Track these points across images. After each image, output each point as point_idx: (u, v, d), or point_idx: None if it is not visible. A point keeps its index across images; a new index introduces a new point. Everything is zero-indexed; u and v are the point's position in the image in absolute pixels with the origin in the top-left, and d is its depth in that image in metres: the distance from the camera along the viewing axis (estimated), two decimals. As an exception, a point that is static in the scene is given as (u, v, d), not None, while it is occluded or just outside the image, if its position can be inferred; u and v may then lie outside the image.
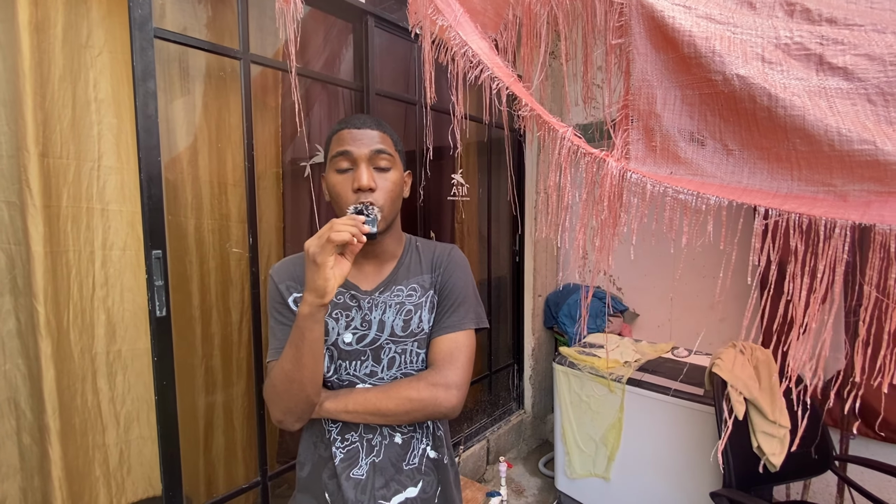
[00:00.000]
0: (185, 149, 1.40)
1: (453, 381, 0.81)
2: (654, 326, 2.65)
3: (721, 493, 1.45)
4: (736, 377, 1.57)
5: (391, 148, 0.85)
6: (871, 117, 0.52)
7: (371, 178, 0.80)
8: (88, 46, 1.17)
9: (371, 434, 0.86)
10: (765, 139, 0.58)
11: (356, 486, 0.84)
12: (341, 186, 0.81)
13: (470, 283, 0.91)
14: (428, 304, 0.88)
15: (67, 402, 1.19)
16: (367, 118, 0.85)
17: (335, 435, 0.86)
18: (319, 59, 1.74)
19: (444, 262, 0.91)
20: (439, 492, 0.90)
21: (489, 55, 0.87)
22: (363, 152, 0.80)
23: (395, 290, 0.88)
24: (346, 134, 0.82)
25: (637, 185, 0.64)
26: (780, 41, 0.62)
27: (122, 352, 1.29)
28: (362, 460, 0.85)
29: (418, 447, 0.89)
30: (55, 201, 1.16)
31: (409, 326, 0.86)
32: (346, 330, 0.85)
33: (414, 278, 0.89)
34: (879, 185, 0.49)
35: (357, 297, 0.86)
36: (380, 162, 0.82)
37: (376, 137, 0.83)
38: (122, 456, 1.30)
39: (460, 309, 0.87)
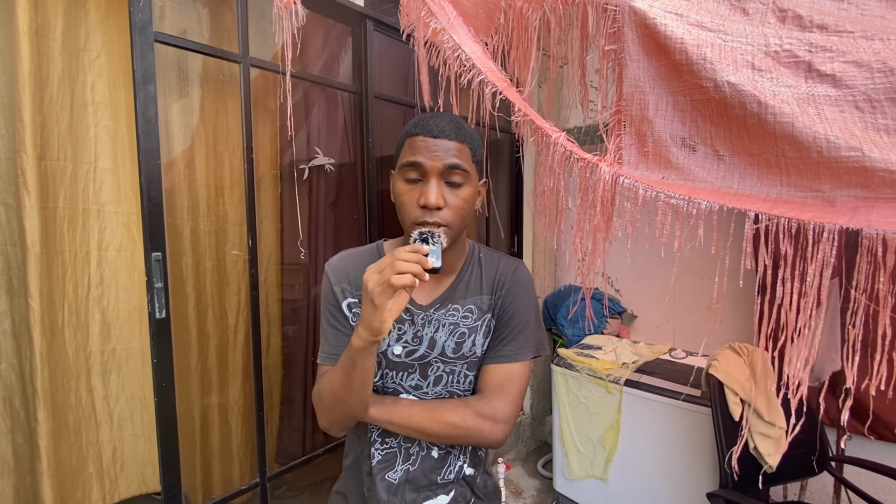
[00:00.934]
0: (184, 152, 1.41)
1: (502, 414, 0.78)
2: (651, 328, 2.66)
3: (718, 494, 1.45)
4: (732, 378, 1.58)
5: (467, 161, 0.76)
6: (859, 124, 0.53)
7: (440, 196, 0.73)
8: (86, 49, 1.18)
9: (409, 443, 0.85)
10: (755, 145, 0.59)
11: (388, 488, 0.84)
12: (407, 197, 0.75)
13: (533, 308, 0.86)
14: (484, 328, 0.84)
15: (61, 400, 1.21)
16: (446, 124, 0.75)
17: (375, 436, 0.86)
18: (319, 62, 1.75)
19: (507, 283, 0.85)
20: (473, 502, 0.89)
21: (482, 59, 0.88)
22: (436, 166, 0.73)
23: (451, 309, 0.83)
24: (419, 142, 0.74)
25: (630, 189, 0.65)
26: (770, 49, 0.63)
27: (116, 350, 1.31)
28: (398, 465, 0.85)
29: (455, 463, 0.87)
30: (52, 203, 1.18)
31: (461, 349, 0.83)
32: (397, 342, 0.83)
33: (472, 298, 0.84)
34: (866, 191, 0.50)
35: (412, 311, 0.83)
36: (452, 177, 0.75)
37: (453, 150, 0.74)
38: (115, 453, 1.32)
39: (519, 337, 0.82)
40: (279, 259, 1.67)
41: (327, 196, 1.79)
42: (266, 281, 1.60)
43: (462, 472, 0.88)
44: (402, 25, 1.03)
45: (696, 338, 2.47)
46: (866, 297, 0.47)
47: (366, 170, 1.83)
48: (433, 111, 1.03)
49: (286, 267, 1.71)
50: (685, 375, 1.94)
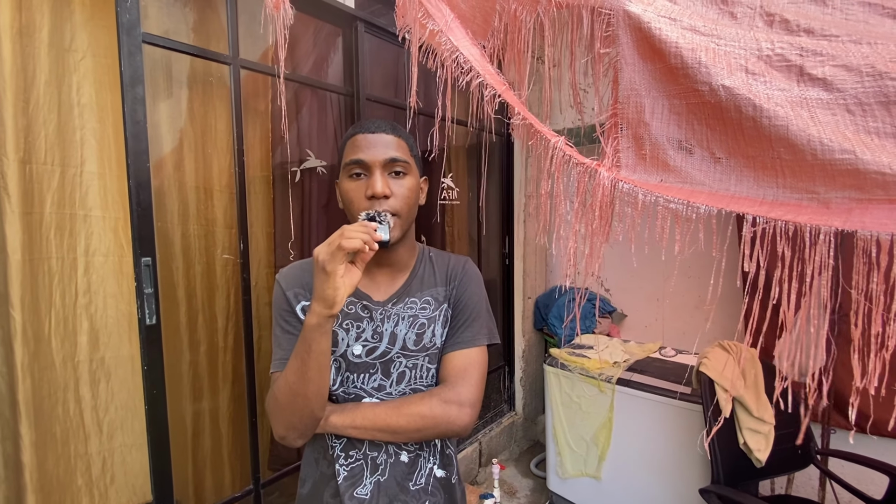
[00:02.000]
0: (173, 154, 1.39)
1: (466, 398, 0.78)
2: (641, 327, 2.69)
3: (710, 490, 1.48)
4: (723, 376, 1.60)
5: (406, 154, 0.82)
6: (851, 127, 0.54)
7: (385, 185, 0.77)
8: (72, 50, 1.16)
9: (376, 452, 0.83)
10: (750, 148, 0.60)
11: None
12: (354, 193, 0.79)
13: (483, 298, 0.89)
14: (441, 318, 0.86)
15: (48, 412, 1.17)
16: (381, 122, 0.82)
17: (339, 451, 0.83)
18: (310, 64, 1.74)
19: (459, 275, 0.89)
20: None
21: (481, 62, 0.88)
22: (378, 158, 0.78)
23: (408, 302, 0.85)
24: (360, 139, 0.79)
25: (629, 195, 0.66)
26: (762, 53, 0.64)
27: (105, 359, 1.27)
28: (366, 479, 0.82)
29: (425, 466, 0.86)
30: (38, 208, 1.14)
31: (421, 340, 0.84)
32: (357, 342, 0.83)
33: (428, 290, 0.87)
34: (860, 193, 0.51)
35: (369, 307, 0.84)
36: (395, 168, 0.79)
37: (391, 143, 0.80)
38: (105, 464, 1.28)
39: (474, 324, 0.85)
40: (271, 263, 1.65)
41: (319, 199, 1.77)
42: (257, 285, 1.58)
43: (433, 475, 0.86)
44: (398, 26, 1.03)
45: (684, 336, 2.51)
46: (863, 296, 0.49)
47: (357, 172, 1.82)
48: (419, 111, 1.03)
49: (279, 265, 1.70)
50: (676, 373, 1.97)
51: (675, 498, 1.87)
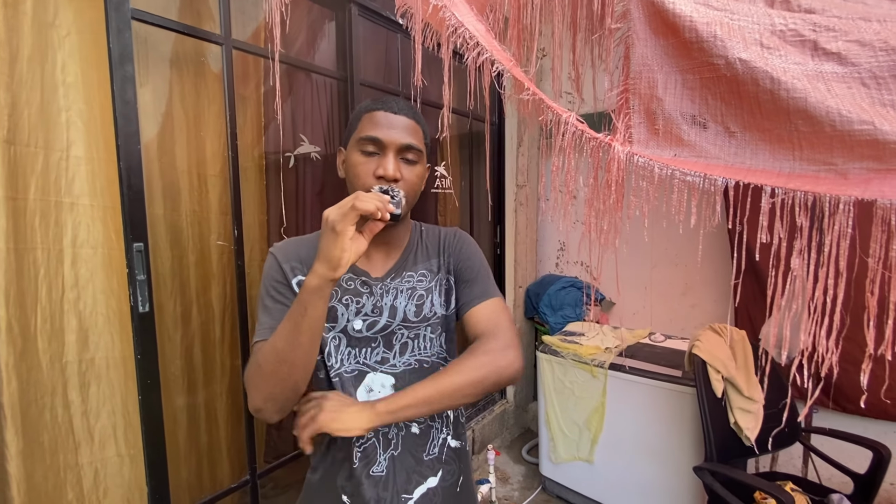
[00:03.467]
0: (164, 138, 1.34)
1: (505, 342, 0.78)
2: (629, 314, 2.73)
3: (703, 467, 1.52)
4: (714, 357, 1.64)
5: (421, 141, 0.82)
6: (867, 99, 0.55)
7: (398, 170, 0.77)
8: (55, 26, 1.08)
9: (386, 427, 0.82)
10: (766, 121, 0.61)
11: (377, 483, 0.80)
12: (363, 168, 0.78)
13: (483, 260, 0.91)
14: (438, 288, 0.87)
15: (34, 418, 1.09)
16: (404, 104, 0.81)
17: None
18: (302, 48, 1.70)
19: (452, 243, 0.91)
20: (462, 480, 0.88)
21: (486, 37, 0.86)
22: (395, 141, 0.77)
23: (405, 276, 0.86)
24: (380, 116, 0.78)
25: (645, 168, 0.66)
26: (776, 28, 0.65)
27: (95, 360, 1.19)
28: (380, 456, 0.81)
29: (438, 437, 0.86)
30: (22, 194, 1.06)
31: (421, 311, 0.85)
32: (357, 316, 0.82)
33: (422, 263, 0.88)
34: (878, 163, 0.52)
35: (368, 283, 0.84)
36: (408, 154, 0.79)
37: (410, 128, 0.80)
38: (97, 476, 1.20)
39: (483, 280, 0.87)
40: (264, 250, 1.62)
41: (313, 185, 1.74)
42: (250, 273, 1.54)
43: (446, 445, 0.87)
44: (398, 5, 1.00)
45: (671, 322, 2.56)
46: (881, 265, 0.50)
47: (351, 158, 1.80)
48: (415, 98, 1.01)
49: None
50: (666, 358, 2.01)
51: (666, 477, 1.91)
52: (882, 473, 1.53)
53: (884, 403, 1.92)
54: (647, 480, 1.98)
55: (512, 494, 2.38)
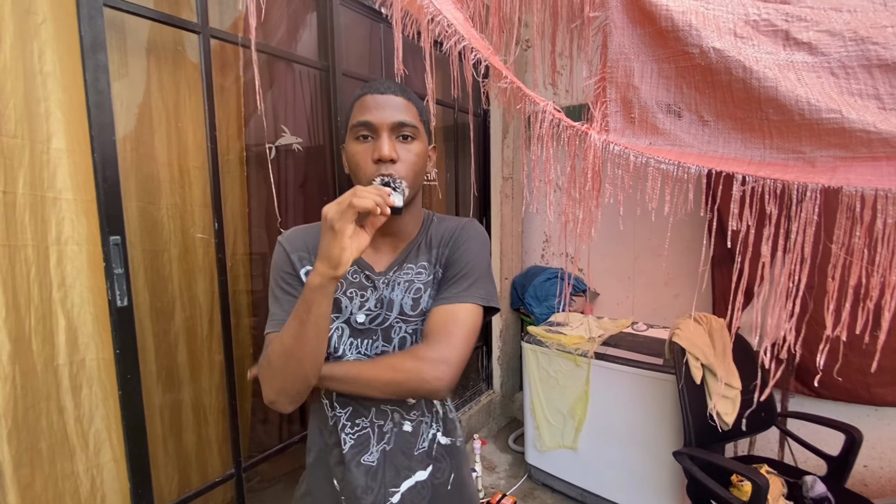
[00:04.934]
0: (142, 129, 1.30)
1: (443, 355, 0.73)
2: (613, 304, 2.77)
3: (683, 452, 1.55)
4: (694, 345, 1.67)
5: (416, 118, 0.79)
6: (835, 89, 0.56)
7: (393, 149, 0.75)
8: (31, 12, 1.04)
9: (382, 420, 0.83)
10: (739, 110, 0.62)
11: (367, 472, 0.81)
12: (361, 156, 0.76)
13: (482, 257, 0.85)
14: (434, 282, 0.84)
15: (32, 424, 1.05)
16: (391, 83, 0.79)
17: (344, 421, 0.82)
18: (283, 37, 1.67)
19: (455, 235, 0.86)
20: (453, 477, 0.88)
21: (464, 25, 0.86)
22: (386, 121, 0.75)
23: (405, 269, 0.84)
24: (368, 100, 0.76)
25: (620, 156, 0.66)
26: (750, 17, 0.66)
27: (85, 362, 1.15)
28: (373, 447, 0.82)
29: (427, 432, 0.86)
30: (11, 187, 1.02)
31: (418, 305, 0.82)
32: (360, 310, 0.82)
33: (423, 255, 0.85)
34: (845, 151, 0.54)
35: (371, 277, 0.83)
36: (403, 131, 0.77)
37: (401, 105, 0.77)
38: (94, 484, 1.16)
39: (463, 280, 0.81)
40: (246, 243, 1.60)
41: (296, 177, 1.72)
42: (233, 266, 1.53)
43: (436, 442, 0.86)
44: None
45: (654, 312, 2.61)
46: (844, 251, 0.51)
47: (335, 149, 1.78)
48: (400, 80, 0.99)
49: (254, 251, 1.65)
50: (648, 346, 2.04)
51: (648, 463, 1.95)
52: (854, 455, 1.59)
53: (856, 387, 1.98)
54: (629, 466, 2.02)
55: (498, 483, 2.41)
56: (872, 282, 0.50)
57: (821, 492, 1.51)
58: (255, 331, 1.68)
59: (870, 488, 2.11)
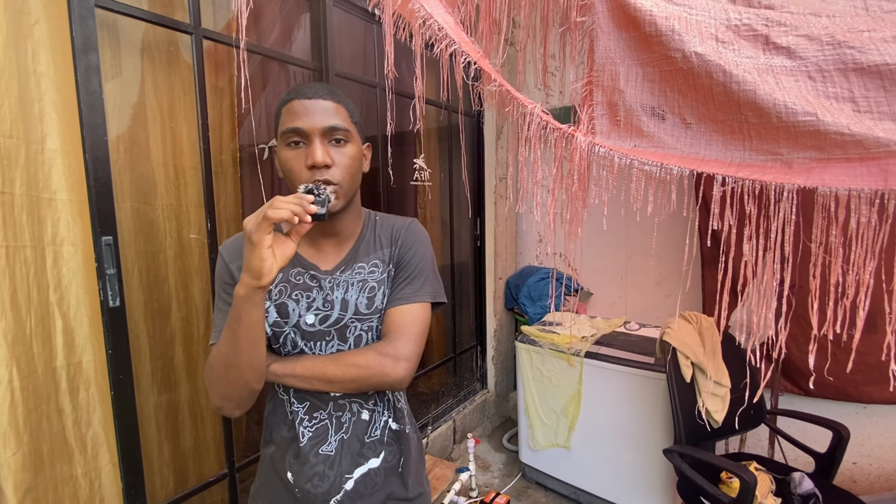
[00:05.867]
0: (136, 129, 1.30)
1: (402, 352, 0.79)
2: (606, 304, 2.79)
3: (673, 449, 1.57)
4: (684, 343, 1.69)
5: (347, 120, 0.79)
6: (812, 92, 0.58)
7: (326, 154, 0.74)
8: (24, 13, 1.04)
9: (341, 412, 0.85)
10: (720, 112, 0.63)
11: (325, 461, 0.83)
12: (294, 162, 0.76)
13: (428, 257, 0.89)
14: (388, 280, 0.87)
15: (34, 427, 1.05)
16: (318, 87, 0.79)
17: (302, 415, 0.84)
18: (276, 38, 1.68)
19: (403, 234, 0.89)
20: (402, 461, 0.90)
21: (455, 29, 0.87)
22: (316, 126, 0.75)
23: (356, 269, 0.85)
24: (296, 105, 0.76)
25: (605, 158, 0.68)
26: (731, 22, 0.67)
27: (82, 364, 1.16)
28: (331, 437, 0.84)
29: (380, 419, 0.88)
30: (8, 187, 1.02)
31: (373, 303, 0.84)
32: (308, 311, 0.82)
33: (374, 254, 0.87)
34: (820, 153, 0.55)
35: (317, 277, 0.84)
36: (335, 135, 0.77)
37: (330, 109, 0.77)
38: (92, 487, 1.16)
39: (415, 281, 0.85)
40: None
41: (289, 177, 1.72)
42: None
43: (388, 427, 0.89)
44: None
45: (646, 311, 2.63)
46: (822, 249, 0.53)
47: (328, 150, 1.78)
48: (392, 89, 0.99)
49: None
50: (640, 345, 2.06)
51: (640, 460, 1.97)
52: (841, 452, 1.61)
53: (845, 385, 2.01)
54: (621, 464, 2.03)
55: (492, 482, 2.42)
56: (849, 279, 0.52)
57: (808, 488, 1.53)
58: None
59: (859, 485, 2.14)
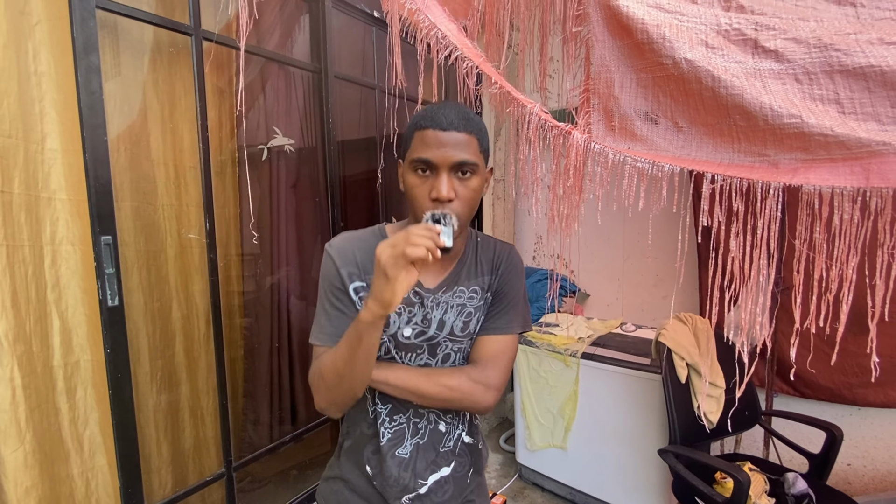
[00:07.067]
0: (137, 129, 1.32)
1: (493, 382, 0.83)
2: (603, 305, 2.81)
3: (668, 450, 1.58)
4: (679, 344, 1.71)
5: (475, 153, 0.78)
6: (798, 94, 0.59)
7: (451, 189, 0.76)
8: (26, 13, 1.05)
9: (418, 419, 0.89)
10: (710, 116, 0.65)
11: (400, 463, 0.87)
12: (419, 190, 0.78)
13: (523, 288, 0.93)
14: (485, 307, 0.90)
15: (36, 426, 1.06)
16: (454, 117, 0.76)
17: (384, 416, 0.88)
18: (275, 41, 1.69)
19: (504, 264, 0.91)
20: (472, 472, 0.95)
21: (458, 37, 0.89)
22: (447, 161, 0.75)
23: (457, 291, 0.88)
24: (430, 136, 0.76)
25: (600, 154, 0.69)
26: (721, 28, 0.69)
27: (80, 363, 1.16)
28: (407, 441, 0.88)
29: (454, 433, 0.92)
30: (7, 187, 1.03)
31: (467, 328, 0.88)
32: (407, 325, 0.86)
33: (475, 280, 0.89)
34: (805, 154, 0.57)
35: (420, 294, 0.86)
36: (462, 169, 0.77)
37: (463, 143, 0.76)
38: (88, 487, 1.16)
39: (510, 312, 0.88)
40: (239, 242, 1.62)
41: (288, 178, 1.74)
42: (225, 267, 1.54)
43: (461, 440, 0.93)
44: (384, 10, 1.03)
45: (643, 312, 2.64)
46: (806, 246, 0.54)
47: (327, 151, 1.80)
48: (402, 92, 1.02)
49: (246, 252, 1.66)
50: (636, 346, 2.08)
51: (636, 461, 1.98)
52: (835, 453, 1.63)
53: (839, 387, 2.03)
54: (617, 464, 2.04)
55: (489, 482, 2.42)
56: (832, 275, 0.53)
57: (802, 488, 1.55)
58: (247, 331, 1.69)
59: (853, 486, 2.15)
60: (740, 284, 0.60)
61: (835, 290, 0.54)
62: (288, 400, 1.82)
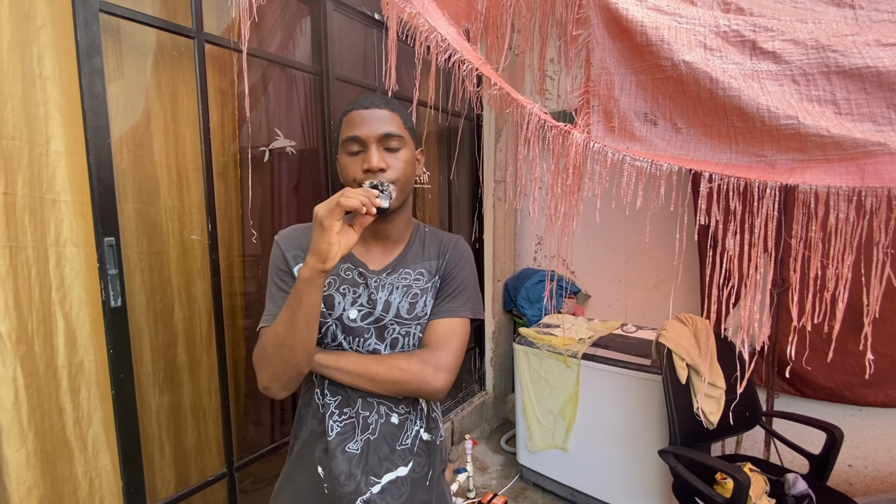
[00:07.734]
0: (140, 131, 1.33)
1: (444, 363, 0.83)
2: (604, 306, 2.81)
3: (668, 450, 1.58)
4: (679, 345, 1.71)
5: (401, 127, 0.84)
6: (795, 95, 0.60)
7: (381, 159, 0.80)
8: (31, 17, 1.06)
9: (368, 412, 0.87)
10: (708, 117, 0.66)
11: (350, 459, 0.85)
12: (352, 168, 0.82)
13: (472, 275, 0.94)
14: (432, 290, 0.90)
15: (38, 426, 1.07)
16: (375, 97, 0.85)
17: (333, 409, 0.86)
18: (277, 43, 1.70)
19: (451, 250, 0.93)
20: (431, 473, 0.92)
21: (458, 39, 0.90)
22: (372, 134, 0.81)
23: (402, 273, 0.89)
24: (355, 115, 0.82)
25: (599, 153, 0.70)
26: (720, 29, 0.70)
27: (84, 364, 1.17)
28: (357, 436, 0.86)
29: (412, 428, 0.90)
30: (11, 188, 1.03)
31: (414, 310, 0.88)
32: (352, 306, 0.86)
33: (422, 263, 0.91)
34: (801, 154, 0.58)
35: (365, 275, 0.87)
36: (390, 143, 0.82)
37: (386, 118, 0.83)
38: (92, 486, 1.17)
39: (460, 296, 0.90)
40: (239, 244, 1.62)
41: (289, 180, 1.75)
42: (226, 268, 1.54)
43: (419, 437, 0.91)
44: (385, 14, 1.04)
45: (644, 313, 2.65)
46: (802, 245, 0.55)
47: (328, 153, 1.81)
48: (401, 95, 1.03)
49: (248, 253, 1.67)
50: (636, 347, 2.08)
51: (636, 462, 1.98)
52: (835, 453, 1.63)
53: (840, 388, 2.03)
54: (618, 465, 2.05)
55: (490, 483, 2.42)
56: (828, 273, 0.54)
57: (802, 489, 1.55)
58: (249, 332, 1.70)
59: (854, 487, 2.15)
60: (739, 283, 0.61)
61: (831, 288, 0.54)
62: (289, 400, 1.83)
